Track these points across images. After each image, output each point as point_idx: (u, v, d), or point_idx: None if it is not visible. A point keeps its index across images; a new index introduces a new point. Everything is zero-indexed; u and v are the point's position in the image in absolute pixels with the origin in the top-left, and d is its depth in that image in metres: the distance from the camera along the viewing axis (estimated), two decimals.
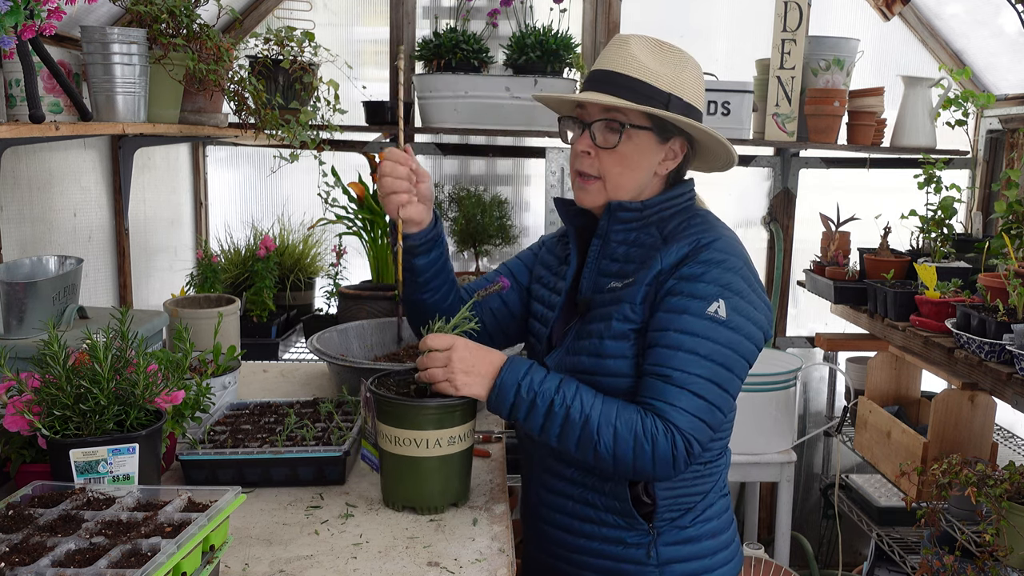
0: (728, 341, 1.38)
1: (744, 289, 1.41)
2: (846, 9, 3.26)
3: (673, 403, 1.35)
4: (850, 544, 3.44)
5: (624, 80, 1.43)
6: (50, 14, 1.53)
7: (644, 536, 1.48)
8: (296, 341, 2.96)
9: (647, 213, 1.49)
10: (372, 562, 1.32)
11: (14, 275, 1.80)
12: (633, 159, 1.46)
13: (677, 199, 1.51)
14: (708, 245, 1.42)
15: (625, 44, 1.46)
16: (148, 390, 1.38)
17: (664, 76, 1.43)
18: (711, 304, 1.37)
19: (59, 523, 1.14)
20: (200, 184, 3.28)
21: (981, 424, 2.50)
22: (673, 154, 1.50)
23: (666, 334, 1.38)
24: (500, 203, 3.17)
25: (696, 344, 1.36)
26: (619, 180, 1.47)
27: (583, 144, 1.48)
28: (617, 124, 1.44)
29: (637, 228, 1.50)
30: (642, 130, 1.45)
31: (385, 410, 1.45)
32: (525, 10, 3.08)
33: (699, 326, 1.37)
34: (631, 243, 1.50)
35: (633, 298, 1.43)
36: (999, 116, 3.16)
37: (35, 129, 1.68)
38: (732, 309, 1.38)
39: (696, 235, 1.44)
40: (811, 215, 3.25)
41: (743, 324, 1.39)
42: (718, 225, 1.50)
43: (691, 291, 1.39)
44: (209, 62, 2.18)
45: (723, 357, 1.37)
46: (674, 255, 1.43)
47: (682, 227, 1.47)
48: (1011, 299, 2.19)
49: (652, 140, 1.46)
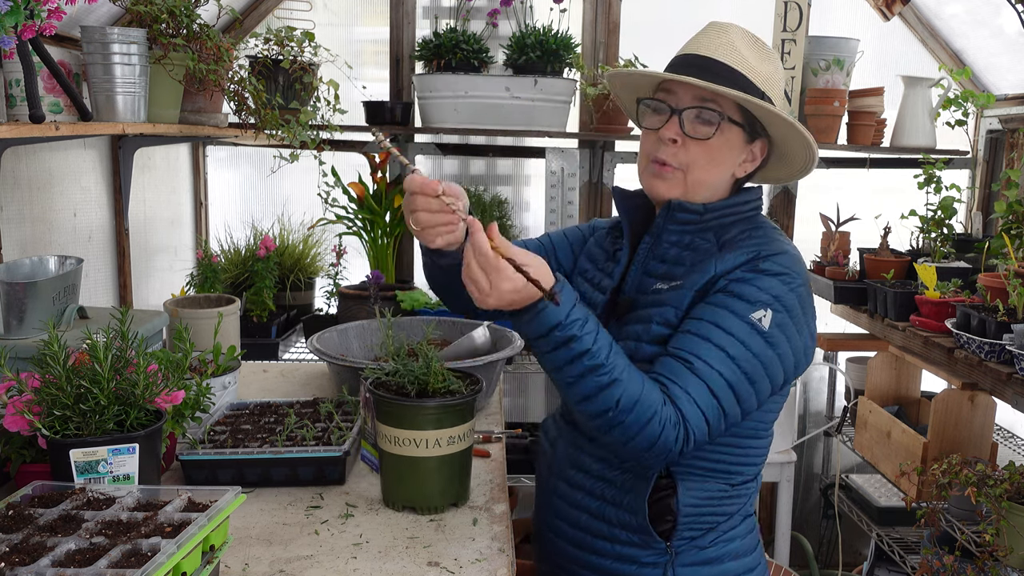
0: (761, 353, 1.29)
1: (795, 309, 1.32)
2: (846, 9, 3.26)
3: (688, 390, 1.26)
4: (850, 544, 3.44)
5: (724, 69, 1.34)
6: (50, 14, 1.53)
7: (660, 556, 1.39)
8: (296, 341, 2.96)
9: (707, 217, 1.40)
10: (372, 562, 1.32)
11: (14, 275, 1.80)
12: (721, 155, 1.37)
13: (741, 206, 1.42)
14: (769, 257, 1.34)
15: (725, 32, 1.37)
16: (148, 390, 1.38)
17: (760, 72, 1.36)
18: (757, 310, 1.29)
19: (59, 523, 1.14)
20: (200, 184, 3.28)
21: (981, 424, 2.50)
22: (753, 156, 1.42)
23: (701, 323, 1.30)
24: (500, 203, 3.17)
25: (727, 342, 1.28)
26: (702, 175, 1.38)
27: (671, 131, 1.36)
28: (715, 115, 1.35)
29: (693, 232, 1.41)
30: (734, 125, 1.36)
31: (385, 410, 1.45)
32: (525, 10, 3.08)
33: (737, 327, 1.28)
34: (684, 246, 1.41)
35: (679, 302, 1.35)
36: (999, 116, 3.16)
37: (35, 129, 1.68)
38: (776, 324, 1.29)
39: (757, 246, 1.35)
40: (811, 215, 3.25)
41: (782, 343, 1.30)
42: (782, 240, 1.40)
43: (739, 292, 1.31)
44: (209, 62, 2.18)
45: (750, 367, 1.28)
46: (730, 262, 1.34)
47: (742, 236, 1.39)
48: (1011, 299, 2.20)
49: (741, 138, 1.38)
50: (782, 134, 1.40)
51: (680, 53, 1.41)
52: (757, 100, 1.33)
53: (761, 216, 1.46)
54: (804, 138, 1.38)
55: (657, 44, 3.07)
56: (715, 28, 1.39)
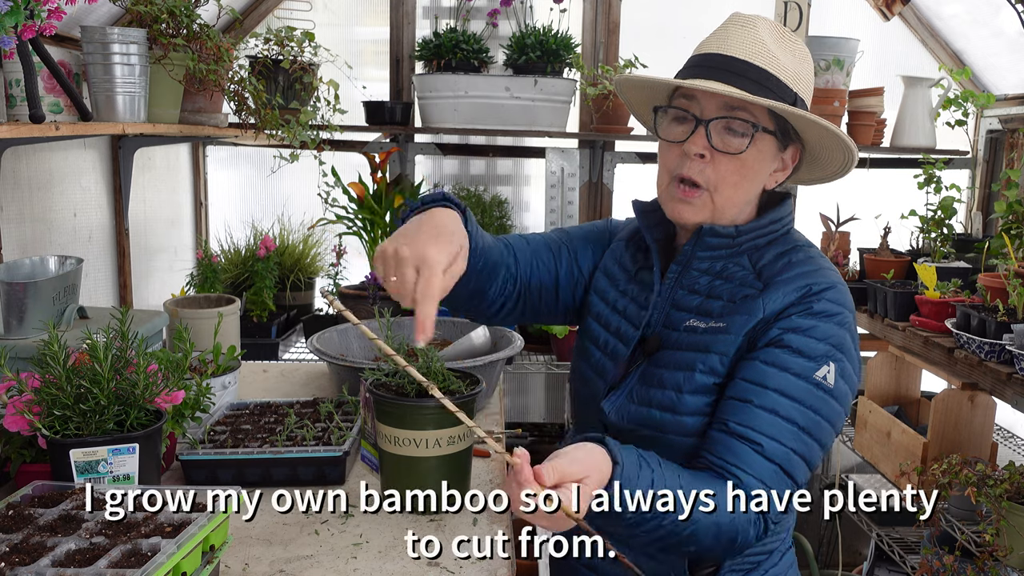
0: (829, 414, 1.17)
1: (850, 348, 1.20)
2: (846, 9, 3.26)
3: (763, 480, 1.12)
4: (850, 544, 3.44)
5: (753, 71, 1.18)
6: (50, 14, 1.53)
7: None
8: (296, 341, 2.96)
9: (740, 240, 1.26)
10: (372, 562, 1.32)
11: (14, 275, 1.80)
12: (753, 169, 1.22)
13: (775, 225, 1.28)
14: (820, 294, 1.20)
15: (752, 26, 1.20)
16: (148, 390, 1.38)
17: (790, 70, 1.20)
18: (820, 367, 1.16)
19: (59, 523, 1.14)
20: (200, 184, 3.28)
21: (981, 424, 2.50)
22: (784, 164, 1.28)
23: (763, 392, 1.15)
24: (500, 203, 3.17)
25: (795, 412, 1.15)
26: (732, 193, 1.23)
27: (698, 145, 1.20)
28: (747, 125, 1.19)
29: (726, 257, 1.27)
30: (767, 134, 1.21)
31: (384, 410, 1.45)
32: (525, 10, 3.08)
33: (803, 392, 1.15)
34: (716, 274, 1.27)
35: (726, 349, 1.21)
36: (999, 116, 3.16)
37: (35, 129, 1.68)
38: (840, 375, 1.17)
39: (806, 280, 1.22)
40: (811, 215, 3.25)
41: (845, 393, 1.19)
42: (826, 266, 1.26)
43: (799, 346, 1.17)
44: (209, 62, 2.18)
45: (819, 431, 1.16)
46: (779, 302, 1.20)
47: (782, 263, 1.25)
48: (1011, 299, 2.19)
49: (774, 147, 1.23)
50: (817, 137, 1.25)
51: (701, 52, 1.24)
52: (791, 109, 1.18)
53: (796, 234, 1.32)
54: (842, 140, 1.24)
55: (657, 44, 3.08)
56: (740, 21, 1.22)
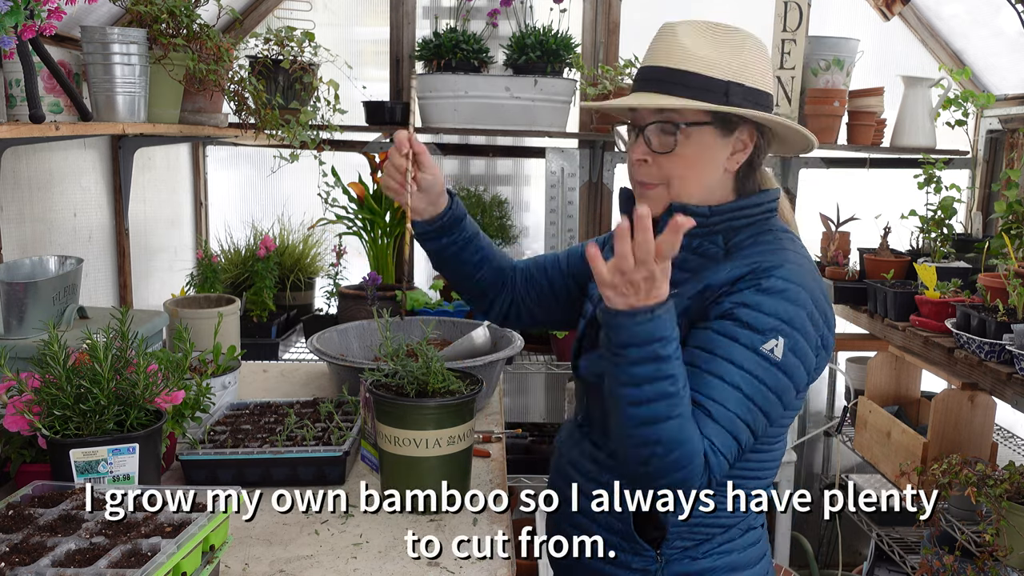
0: (776, 385, 1.24)
1: (804, 325, 1.26)
2: (846, 9, 3.26)
3: (711, 439, 1.20)
4: (850, 544, 3.44)
5: (674, 75, 1.30)
6: (50, 14, 1.53)
7: (650, 563, 1.36)
8: (296, 341, 2.96)
9: (714, 220, 1.34)
10: (372, 562, 1.32)
11: (14, 275, 1.80)
12: (696, 159, 1.33)
13: (751, 209, 1.35)
14: (769, 271, 1.27)
15: (672, 33, 1.32)
16: (148, 390, 1.38)
17: (720, 62, 1.29)
18: (768, 340, 1.23)
19: (59, 523, 1.14)
20: (200, 184, 3.28)
21: (981, 424, 2.50)
22: (742, 145, 1.35)
23: (712, 359, 1.23)
24: (500, 203, 3.17)
25: (742, 380, 1.22)
26: (683, 185, 1.33)
27: (638, 152, 1.34)
28: (671, 125, 1.31)
29: (702, 235, 1.35)
30: (701, 126, 1.31)
31: (384, 410, 1.45)
32: (525, 10, 3.08)
33: (750, 361, 1.22)
34: (692, 250, 1.36)
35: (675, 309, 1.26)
36: (999, 116, 3.16)
37: (35, 129, 1.68)
38: (789, 350, 1.24)
39: (759, 258, 1.29)
40: (811, 215, 3.25)
41: (795, 368, 1.25)
42: (789, 248, 1.33)
43: (748, 319, 1.24)
44: (209, 62, 2.18)
45: (765, 401, 1.24)
46: (726, 274, 1.29)
47: (747, 243, 1.34)
48: (1011, 299, 2.20)
49: (714, 135, 1.32)
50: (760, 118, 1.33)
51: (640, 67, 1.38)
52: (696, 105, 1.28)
53: (775, 220, 1.39)
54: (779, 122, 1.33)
55: None
56: (663, 32, 1.35)
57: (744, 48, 1.32)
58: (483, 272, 1.60)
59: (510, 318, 1.68)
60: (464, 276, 1.60)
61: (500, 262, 1.63)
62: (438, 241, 1.53)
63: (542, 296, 1.64)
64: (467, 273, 1.59)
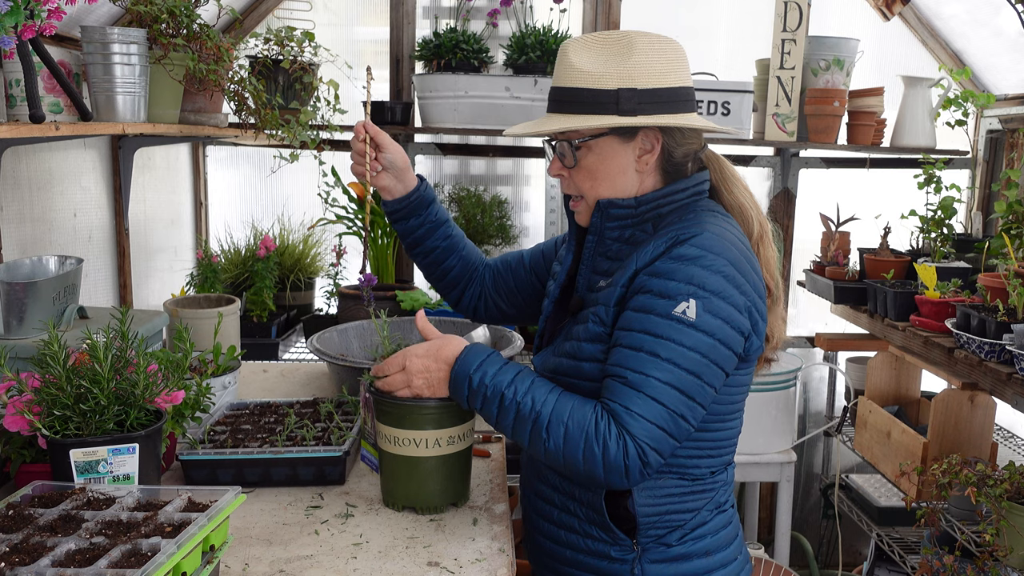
0: (696, 345, 1.26)
1: (723, 288, 1.28)
2: (846, 9, 3.26)
3: (628, 407, 1.25)
4: (850, 544, 3.44)
5: (568, 94, 1.37)
6: (50, 14, 1.53)
7: (628, 552, 1.39)
8: (296, 341, 2.96)
9: (642, 210, 1.41)
10: (372, 562, 1.32)
11: (14, 275, 1.80)
12: (600, 169, 1.40)
13: (676, 195, 1.41)
14: (685, 241, 1.31)
15: (564, 53, 1.39)
16: (148, 390, 1.38)
17: (608, 73, 1.34)
18: (679, 304, 1.26)
19: (59, 523, 1.14)
20: (200, 184, 3.28)
21: (981, 424, 2.50)
22: (650, 145, 1.39)
23: (629, 334, 1.29)
24: (500, 203, 3.17)
25: (658, 346, 1.26)
26: (595, 193, 1.42)
27: (553, 169, 1.46)
28: (567, 144, 1.40)
29: (632, 225, 1.42)
30: (598, 138, 1.38)
31: (384, 410, 1.45)
32: (525, 10, 3.08)
33: (663, 327, 1.27)
34: (626, 240, 1.43)
35: (608, 299, 1.36)
36: (999, 116, 3.16)
37: (35, 129, 1.68)
38: (705, 310, 1.26)
39: (676, 231, 1.34)
40: (811, 215, 3.25)
41: (718, 327, 1.27)
42: (710, 221, 1.36)
43: (659, 289, 1.29)
44: (209, 62, 2.18)
45: (689, 362, 1.26)
46: (650, 253, 1.34)
47: (673, 222, 1.38)
48: (1011, 299, 2.20)
49: (616, 142, 1.38)
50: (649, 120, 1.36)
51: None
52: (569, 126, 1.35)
53: (704, 201, 1.43)
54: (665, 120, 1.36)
55: None
56: (559, 53, 1.40)
57: (633, 51, 1.35)
58: (451, 261, 1.73)
59: (479, 311, 1.80)
60: (433, 262, 1.74)
61: (470, 255, 1.76)
62: (406, 223, 1.68)
63: (509, 292, 1.75)
64: (436, 259, 1.73)
